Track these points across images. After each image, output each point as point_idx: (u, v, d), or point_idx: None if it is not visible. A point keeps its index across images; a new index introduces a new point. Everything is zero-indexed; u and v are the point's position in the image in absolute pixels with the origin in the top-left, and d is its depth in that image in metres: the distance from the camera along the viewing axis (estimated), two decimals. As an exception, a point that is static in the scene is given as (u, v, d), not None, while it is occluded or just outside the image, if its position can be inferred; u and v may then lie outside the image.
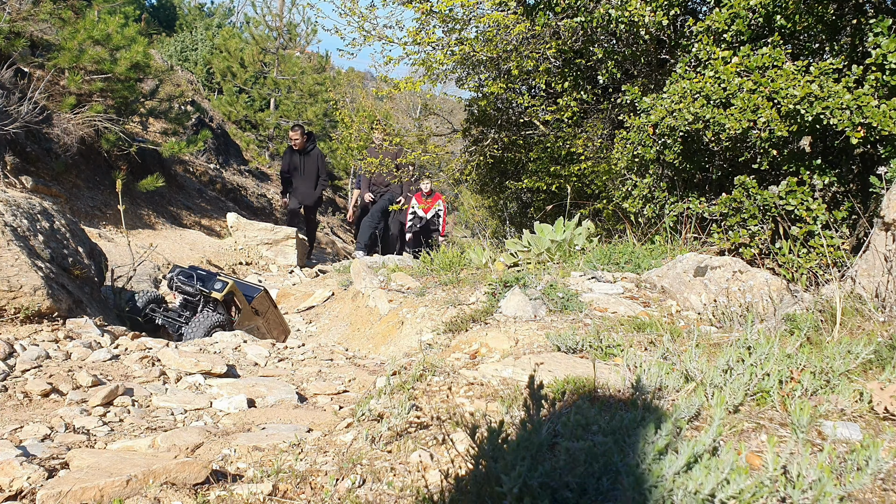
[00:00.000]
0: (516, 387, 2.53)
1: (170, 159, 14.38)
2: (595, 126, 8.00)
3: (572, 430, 1.54)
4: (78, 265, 4.45)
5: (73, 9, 11.15)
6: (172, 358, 3.48)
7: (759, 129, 4.88)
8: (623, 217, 6.61)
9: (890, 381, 2.16)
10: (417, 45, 8.02)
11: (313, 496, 1.76)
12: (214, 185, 16.74)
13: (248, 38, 21.42)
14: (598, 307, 3.95)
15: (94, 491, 1.71)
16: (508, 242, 6.27)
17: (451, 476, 1.75)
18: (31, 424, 2.41)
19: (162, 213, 12.86)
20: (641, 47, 6.63)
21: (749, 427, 1.97)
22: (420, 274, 7.00)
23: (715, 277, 4.06)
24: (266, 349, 4.22)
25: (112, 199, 11.14)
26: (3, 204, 4.09)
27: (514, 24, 7.24)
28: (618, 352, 2.85)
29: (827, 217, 4.71)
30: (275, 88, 21.05)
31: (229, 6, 29.10)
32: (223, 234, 13.33)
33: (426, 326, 5.33)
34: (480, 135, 9.49)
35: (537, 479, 1.32)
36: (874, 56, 4.53)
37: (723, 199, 5.33)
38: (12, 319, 3.57)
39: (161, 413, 2.74)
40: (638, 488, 1.28)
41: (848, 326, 2.79)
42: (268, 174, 20.74)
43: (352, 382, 3.54)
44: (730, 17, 5.27)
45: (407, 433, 2.14)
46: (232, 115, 20.56)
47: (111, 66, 10.67)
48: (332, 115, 20.10)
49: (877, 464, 1.49)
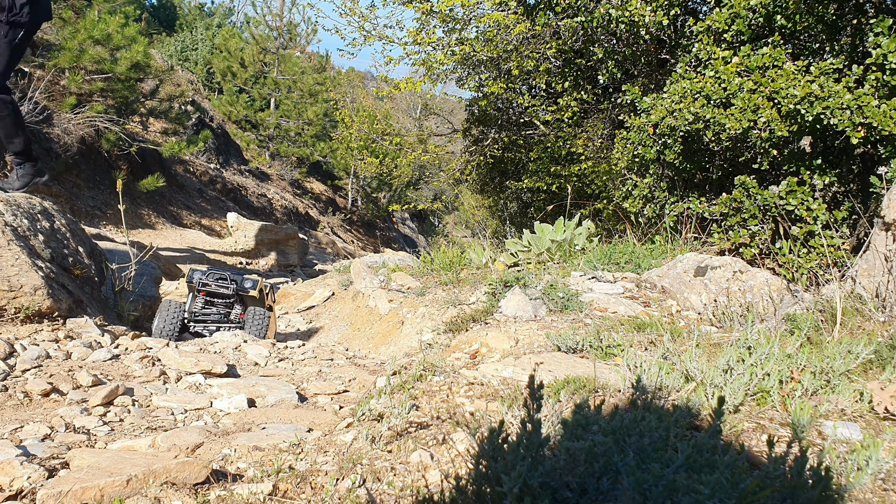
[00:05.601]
0: (516, 387, 2.53)
1: (170, 159, 14.40)
2: (595, 126, 8.01)
3: (572, 430, 1.54)
4: (78, 265, 4.45)
5: (74, 9, 11.15)
6: (173, 358, 3.48)
7: (760, 128, 4.88)
8: (623, 217, 6.61)
9: (890, 381, 2.16)
10: (418, 45, 8.03)
11: (313, 496, 1.76)
12: (214, 184, 16.74)
13: (248, 38, 21.43)
14: (599, 307, 3.95)
15: (94, 491, 1.71)
16: (508, 242, 6.27)
17: (451, 476, 1.75)
18: (31, 424, 2.41)
19: (162, 212, 12.87)
20: (642, 47, 6.63)
21: (749, 427, 1.97)
22: (420, 274, 7.00)
23: (715, 277, 4.06)
24: (266, 349, 4.22)
25: (112, 199, 11.15)
26: (3, 204, 4.10)
27: (514, 24, 7.24)
28: (618, 352, 2.85)
29: (827, 217, 4.71)
30: (275, 88, 21.06)
31: (229, 6, 29.13)
32: (223, 233, 13.34)
33: (426, 326, 5.34)
34: (481, 135, 9.49)
35: (537, 479, 1.32)
36: (874, 56, 4.53)
37: (723, 199, 5.33)
38: (12, 319, 3.57)
39: (161, 413, 2.74)
40: (638, 488, 1.28)
41: (848, 326, 2.79)
42: (268, 174, 20.74)
43: (352, 382, 3.54)
44: (730, 17, 5.27)
45: (407, 433, 2.14)
46: (232, 115, 20.57)
47: (111, 65, 10.68)
48: (332, 114, 20.11)
49: (877, 464, 1.49)
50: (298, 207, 19.53)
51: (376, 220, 23.86)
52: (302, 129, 20.96)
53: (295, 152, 21.05)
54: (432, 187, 22.41)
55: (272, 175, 20.90)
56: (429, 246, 22.62)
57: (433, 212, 29.16)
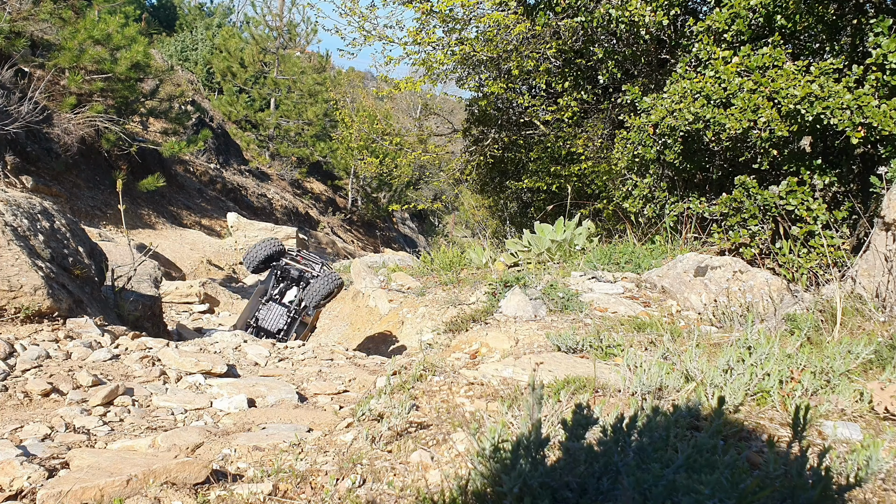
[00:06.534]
0: (516, 387, 2.53)
1: (170, 159, 14.39)
2: (595, 126, 8.01)
3: (572, 430, 1.54)
4: (78, 265, 4.45)
5: (74, 9, 11.15)
6: (173, 358, 3.48)
7: (760, 128, 4.88)
8: (623, 217, 6.61)
9: (890, 381, 2.16)
10: (418, 45, 8.03)
11: (313, 496, 1.76)
12: (215, 184, 16.74)
13: (248, 38, 21.43)
14: (599, 307, 3.95)
15: (94, 491, 1.71)
16: (509, 242, 6.27)
17: (451, 476, 1.75)
18: (31, 424, 2.41)
19: (162, 212, 12.87)
20: (642, 47, 6.63)
21: (749, 427, 1.97)
22: (420, 274, 7.01)
23: (715, 277, 4.06)
24: (266, 349, 4.22)
25: (112, 199, 11.15)
26: (3, 204, 4.10)
27: (514, 24, 7.25)
28: (618, 352, 2.85)
29: (827, 217, 4.71)
30: (275, 88, 21.06)
31: (229, 6, 29.11)
32: (223, 233, 13.34)
33: (426, 326, 5.34)
34: (481, 135, 9.49)
35: (537, 479, 1.32)
36: (874, 56, 4.52)
37: (723, 199, 5.33)
38: (12, 319, 3.57)
39: (161, 413, 2.74)
40: (638, 488, 1.28)
41: (848, 326, 2.79)
42: (268, 174, 20.74)
43: (352, 382, 3.54)
44: (730, 17, 5.27)
45: (407, 433, 2.14)
46: (232, 115, 20.57)
47: (111, 65, 10.68)
48: (332, 114, 20.11)
49: (877, 464, 1.49)
50: (298, 207, 19.53)
51: (376, 220, 23.87)
52: (302, 129, 20.96)
53: (295, 152, 21.06)
54: (432, 187, 22.42)
55: (272, 175, 20.90)
56: (429, 246, 22.62)
57: (433, 212, 29.16)
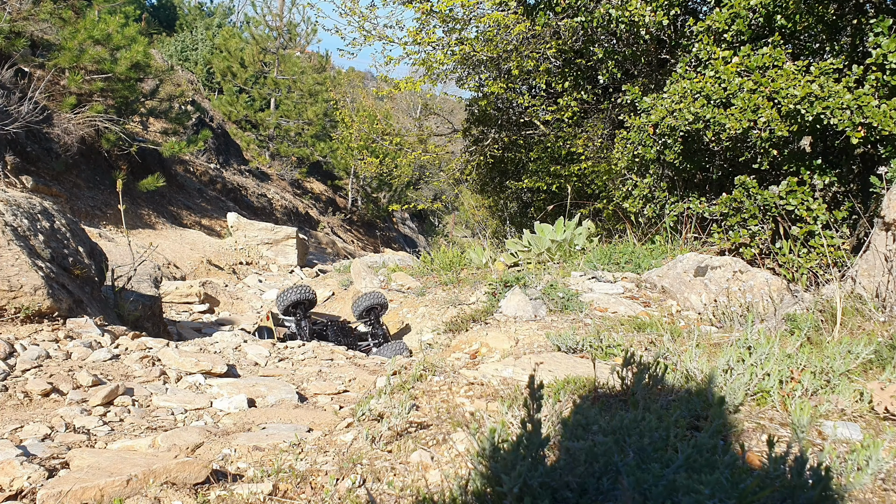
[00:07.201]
0: (516, 387, 2.53)
1: (170, 159, 14.39)
2: (595, 126, 8.01)
3: (572, 430, 1.54)
4: (78, 265, 4.45)
5: (74, 8, 11.15)
6: (173, 358, 3.48)
7: (760, 128, 4.88)
8: (623, 217, 6.61)
9: (890, 381, 2.16)
10: (418, 44, 8.03)
11: (313, 496, 1.76)
12: (215, 184, 16.74)
13: (248, 38, 21.41)
14: (599, 307, 3.95)
15: (94, 490, 1.71)
16: (509, 242, 6.27)
17: (451, 476, 1.75)
18: (31, 424, 2.41)
19: (162, 212, 12.86)
20: (642, 47, 6.63)
21: (749, 427, 1.97)
22: (420, 274, 7.01)
23: (715, 277, 4.06)
24: (266, 349, 4.22)
25: (112, 199, 11.15)
26: (3, 204, 4.09)
27: (514, 24, 7.25)
28: (618, 352, 2.85)
29: (827, 217, 4.71)
30: (275, 88, 21.05)
31: (229, 6, 29.11)
32: (223, 233, 13.33)
33: (426, 326, 5.34)
34: (481, 134, 9.49)
35: (537, 478, 1.32)
36: (874, 56, 4.52)
37: (723, 199, 5.33)
38: (12, 319, 3.57)
39: (161, 413, 2.74)
40: (638, 488, 1.28)
41: (848, 326, 2.79)
42: (268, 174, 20.74)
43: (352, 382, 3.54)
44: (730, 17, 5.27)
45: (407, 433, 2.14)
46: (232, 115, 20.56)
47: (111, 65, 10.67)
48: (332, 114, 20.10)
49: (877, 464, 1.49)
50: (298, 207, 19.53)
51: (376, 220, 23.86)
52: (302, 129, 20.95)
53: (295, 152, 21.05)
54: (432, 187, 22.40)
55: (272, 175, 20.89)
56: (429, 246, 22.61)
57: (433, 212, 29.15)
